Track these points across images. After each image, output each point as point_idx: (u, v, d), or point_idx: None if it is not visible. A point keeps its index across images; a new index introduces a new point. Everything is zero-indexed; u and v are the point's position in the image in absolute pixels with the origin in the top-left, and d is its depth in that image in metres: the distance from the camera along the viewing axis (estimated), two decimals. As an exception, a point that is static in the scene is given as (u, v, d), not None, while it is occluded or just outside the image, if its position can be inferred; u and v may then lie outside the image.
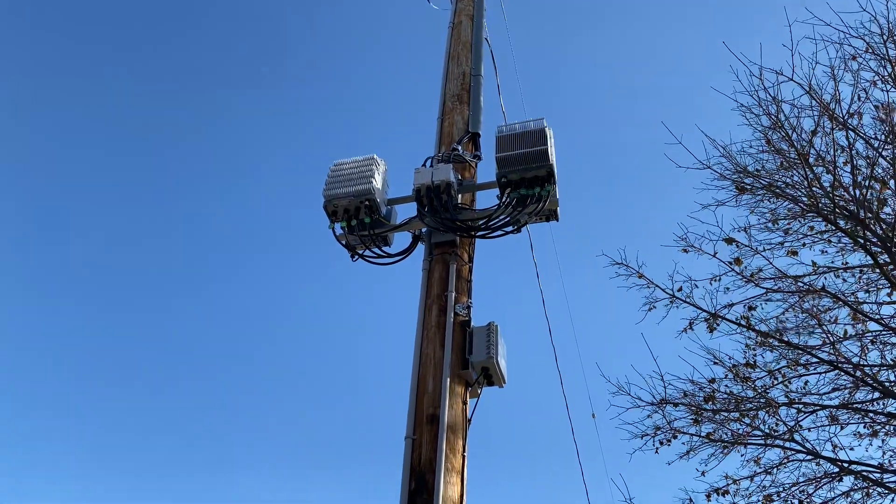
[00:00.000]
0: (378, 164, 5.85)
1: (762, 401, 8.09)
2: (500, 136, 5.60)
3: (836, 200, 7.98)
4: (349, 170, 5.82)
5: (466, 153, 6.22)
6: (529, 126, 5.62)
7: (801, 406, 8.16)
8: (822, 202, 8.17)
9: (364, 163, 5.83)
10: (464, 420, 4.77)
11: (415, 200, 5.68)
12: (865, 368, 7.92)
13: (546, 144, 5.50)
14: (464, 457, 4.60)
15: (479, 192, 6.04)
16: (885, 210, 8.11)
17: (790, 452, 8.12)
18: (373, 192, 5.62)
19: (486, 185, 5.91)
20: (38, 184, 24.43)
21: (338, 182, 5.75)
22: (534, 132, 5.56)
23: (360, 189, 5.64)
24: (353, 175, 5.75)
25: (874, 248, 7.78)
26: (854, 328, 8.37)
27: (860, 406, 8.17)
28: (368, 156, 5.89)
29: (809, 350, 8.16)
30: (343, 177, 5.77)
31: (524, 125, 5.65)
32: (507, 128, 5.66)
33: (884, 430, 8.21)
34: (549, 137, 5.58)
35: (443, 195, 5.55)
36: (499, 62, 7.78)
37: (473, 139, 6.50)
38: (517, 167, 5.46)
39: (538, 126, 5.61)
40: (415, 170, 5.76)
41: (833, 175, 8.12)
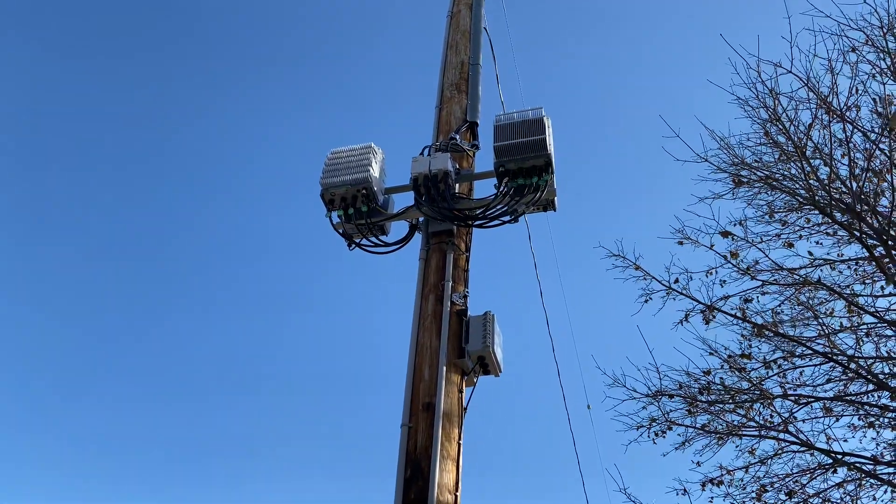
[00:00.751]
0: (376, 153, 5.84)
1: (757, 392, 8.11)
2: (499, 125, 5.59)
3: (833, 193, 7.99)
4: (346, 158, 5.81)
5: (464, 142, 6.21)
6: (528, 115, 5.61)
7: (796, 398, 8.19)
8: (819, 195, 8.16)
9: (361, 151, 5.82)
10: (459, 408, 4.79)
11: (412, 189, 5.68)
12: (860, 361, 7.94)
13: (544, 134, 5.50)
14: (459, 444, 4.63)
15: (477, 182, 6.05)
16: (882, 203, 8.13)
17: (784, 444, 8.14)
18: (370, 181, 5.61)
19: (484, 175, 5.90)
20: (23, 183, 24.23)
21: (335, 170, 5.74)
22: (532, 121, 5.55)
23: (358, 177, 5.62)
24: (351, 163, 5.74)
25: (870, 241, 7.79)
26: (849, 320, 8.39)
27: (854, 398, 8.19)
28: (366, 144, 5.88)
29: (804, 342, 8.18)
30: (340, 165, 5.77)
31: (522, 114, 5.64)
32: (506, 117, 5.66)
33: (878, 423, 8.25)
34: (548, 127, 5.59)
35: (440, 184, 5.54)
36: (497, 52, 7.79)
37: (471, 128, 6.49)
38: (515, 156, 5.46)
39: (536, 115, 5.60)
40: (412, 158, 5.76)
41: (830, 167, 8.12)
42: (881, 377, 7.81)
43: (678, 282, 8.59)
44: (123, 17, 26.19)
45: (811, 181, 8.25)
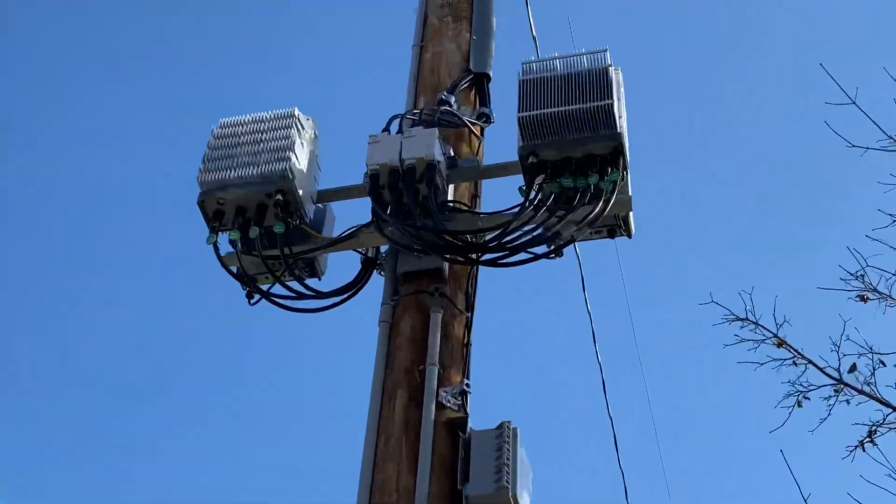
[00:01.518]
0: (301, 127, 3.67)
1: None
2: (528, 80, 3.56)
3: None
4: (249, 136, 3.78)
5: (465, 109, 3.99)
6: (581, 63, 3.53)
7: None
8: None
9: (276, 123, 3.75)
10: None
11: (368, 194, 3.55)
12: None
13: (611, 97, 3.47)
14: None
15: (487, 182, 3.97)
16: None
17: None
18: (290, 178, 3.52)
19: (500, 170, 3.84)
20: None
21: (226, 158, 3.69)
22: (589, 74, 3.50)
23: (269, 171, 3.58)
24: (256, 146, 3.74)
25: None
26: None
27: None
28: (285, 110, 3.77)
29: None
30: (237, 149, 3.72)
31: (570, 62, 3.55)
32: (540, 65, 3.59)
33: None
34: (618, 85, 3.54)
35: (419, 184, 3.42)
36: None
37: (478, 85, 4.22)
38: (558, 137, 3.46)
39: (597, 63, 3.52)
40: (369, 138, 3.58)
41: None
42: None
43: (855, 370, 5.91)
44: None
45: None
